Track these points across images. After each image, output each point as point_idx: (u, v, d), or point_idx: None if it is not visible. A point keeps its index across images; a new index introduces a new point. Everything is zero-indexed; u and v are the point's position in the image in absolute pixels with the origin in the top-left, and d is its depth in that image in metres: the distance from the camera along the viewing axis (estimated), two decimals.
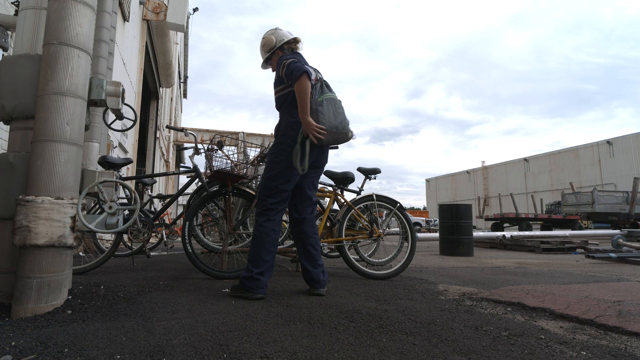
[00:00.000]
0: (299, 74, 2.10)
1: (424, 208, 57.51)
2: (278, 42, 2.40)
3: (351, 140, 2.30)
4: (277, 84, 2.36)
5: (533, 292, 2.34)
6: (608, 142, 31.34)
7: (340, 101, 2.32)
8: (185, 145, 12.34)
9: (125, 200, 3.74)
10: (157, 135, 11.37)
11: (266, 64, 2.52)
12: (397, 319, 1.71)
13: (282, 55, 2.32)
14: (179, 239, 6.49)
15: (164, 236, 3.33)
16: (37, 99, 1.72)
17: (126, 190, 3.70)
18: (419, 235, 8.32)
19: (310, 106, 2.14)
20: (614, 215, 17.34)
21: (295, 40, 2.43)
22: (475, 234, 7.43)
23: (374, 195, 3.12)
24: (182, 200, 7.72)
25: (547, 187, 35.43)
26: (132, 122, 2.76)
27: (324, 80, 2.33)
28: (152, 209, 4.65)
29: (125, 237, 3.73)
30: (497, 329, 1.61)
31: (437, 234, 7.27)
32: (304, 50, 2.47)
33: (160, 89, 11.78)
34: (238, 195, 2.89)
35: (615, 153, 30.74)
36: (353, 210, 3.03)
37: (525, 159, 38.90)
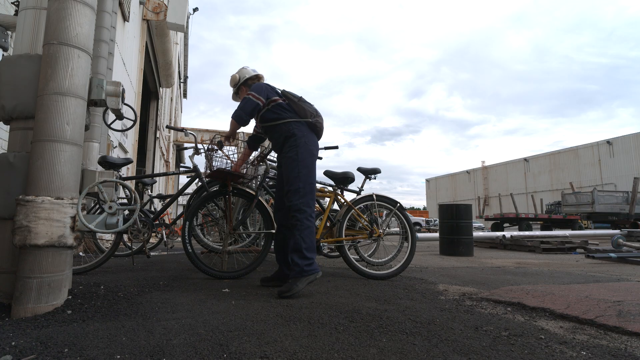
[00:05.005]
0: (236, 115, 2.46)
1: (424, 208, 57.50)
2: (242, 78, 2.80)
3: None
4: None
5: (533, 292, 2.34)
6: (608, 142, 31.36)
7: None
8: (185, 145, 12.33)
9: (125, 200, 3.74)
10: (157, 135, 11.37)
11: (236, 95, 2.88)
12: (397, 319, 1.71)
13: (256, 84, 2.59)
14: (179, 239, 6.49)
15: (164, 236, 3.33)
16: (37, 99, 1.72)
17: (126, 190, 3.70)
18: (419, 235, 8.31)
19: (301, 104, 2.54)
20: (614, 215, 17.35)
21: (258, 77, 2.83)
22: (475, 234, 7.43)
23: (374, 195, 3.12)
24: (182, 200, 7.72)
25: (547, 187, 35.44)
26: (132, 122, 2.76)
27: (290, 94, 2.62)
28: (152, 209, 4.65)
29: (125, 237, 3.73)
30: (497, 329, 1.61)
31: (437, 234, 7.26)
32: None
33: (160, 89, 11.78)
34: (238, 195, 2.89)
35: (615, 153, 30.75)
36: (353, 210, 3.02)
37: (525, 159, 38.91)
